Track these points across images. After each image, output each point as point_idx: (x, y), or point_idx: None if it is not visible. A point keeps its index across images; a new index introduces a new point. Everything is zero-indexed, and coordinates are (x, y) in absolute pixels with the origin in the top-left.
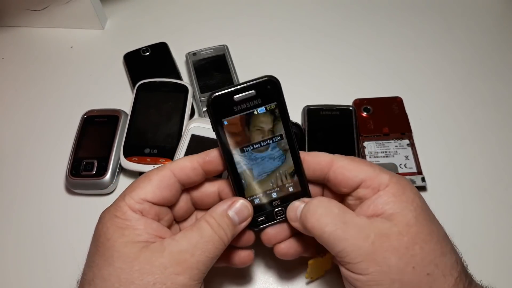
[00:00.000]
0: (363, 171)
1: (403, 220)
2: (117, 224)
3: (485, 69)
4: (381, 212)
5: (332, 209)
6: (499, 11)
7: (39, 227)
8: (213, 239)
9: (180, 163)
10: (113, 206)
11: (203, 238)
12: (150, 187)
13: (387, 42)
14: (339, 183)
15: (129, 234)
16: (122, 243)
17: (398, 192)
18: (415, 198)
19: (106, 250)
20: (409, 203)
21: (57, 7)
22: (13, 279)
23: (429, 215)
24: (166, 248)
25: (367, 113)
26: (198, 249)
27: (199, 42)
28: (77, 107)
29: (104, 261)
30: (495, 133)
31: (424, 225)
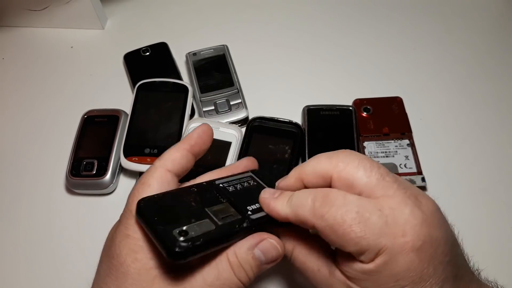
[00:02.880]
0: (360, 186)
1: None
2: (130, 246)
3: (485, 69)
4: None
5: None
6: (499, 11)
7: (39, 227)
8: (231, 282)
9: (169, 156)
10: (123, 224)
11: (219, 280)
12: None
13: (387, 42)
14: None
15: (141, 258)
16: (136, 269)
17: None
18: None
19: (120, 275)
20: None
21: (57, 7)
22: (13, 279)
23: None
24: (180, 283)
25: (367, 113)
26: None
27: (199, 42)
28: (77, 107)
29: (114, 284)
30: (495, 133)
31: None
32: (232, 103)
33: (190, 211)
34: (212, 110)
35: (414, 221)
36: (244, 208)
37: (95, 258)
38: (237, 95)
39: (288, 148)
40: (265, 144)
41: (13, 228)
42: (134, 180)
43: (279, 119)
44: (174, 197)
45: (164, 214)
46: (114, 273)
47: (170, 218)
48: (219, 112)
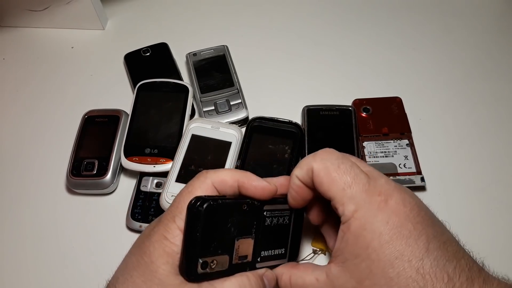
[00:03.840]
0: (331, 190)
1: (356, 272)
2: (165, 248)
3: (484, 69)
4: (338, 256)
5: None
6: (499, 11)
7: (39, 227)
8: None
9: (221, 175)
10: (163, 225)
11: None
12: None
13: (387, 42)
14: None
15: (173, 263)
16: (165, 271)
17: (356, 233)
18: (372, 241)
19: (147, 271)
20: (363, 251)
21: (58, 8)
22: (13, 278)
23: (391, 255)
24: None
25: (366, 113)
26: None
27: (199, 43)
28: (78, 107)
29: (142, 282)
30: (494, 133)
31: (379, 274)
32: (232, 103)
33: (225, 237)
34: (212, 110)
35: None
36: (258, 252)
37: (96, 258)
38: (237, 95)
39: (288, 148)
40: (265, 144)
41: (14, 228)
42: (134, 180)
43: (279, 119)
44: (225, 212)
45: (206, 230)
46: (142, 269)
47: (207, 239)
48: (219, 112)
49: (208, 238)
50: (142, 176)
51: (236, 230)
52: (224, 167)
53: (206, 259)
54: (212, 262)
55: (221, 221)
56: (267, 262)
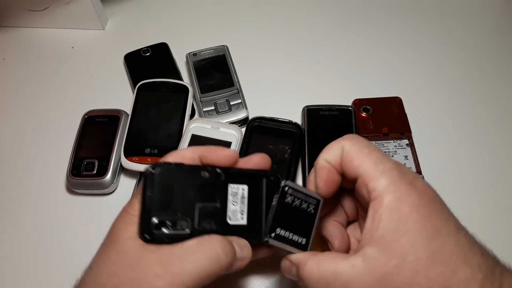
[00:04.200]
0: (363, 166)
1: (397, 249)
2: (125, 220)
3: (484, 69)
4: (373, 235)
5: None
6: (499, 11)
7: (39, 227)
8: (209, 251)
9: (181, 152)
10: (128, 203)
11: (199, 246)
12: None
13: (387, 42)
14: (343, 169)
15: (133, 230)
16: (124, 237)
17: (391, 206)
18: (411, 214)
19: (109, 241)
20: (403, 224)
21: (58, 8)
22: (14, 278)
23: (431, 228)
24: (159, 249)
25: (366, 113)
26: (188, 255)
27: (199, 43)
28: (78, 107)
29: (103, 252)
30: (494, 133)
31: (422, 248)
32: (232, 103)
33: (183, 201)
34: (212, 110)
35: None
36: (225, 220)
37: None
38: (237, 95)
39: (288, 148)
40: (265, 144)
41: (14, 228)
42: (134, 180)
43: (279, 119)
44: (181, 176)
45: (160, 192)
46: (106, 240)
47: (162, 201)
48: (219, 112)
49: (162, 200)
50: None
51: (197, 196)
52: None
53: (161, 219)
54: (169, 223)
55: (177, 184)
56: (280, 243)
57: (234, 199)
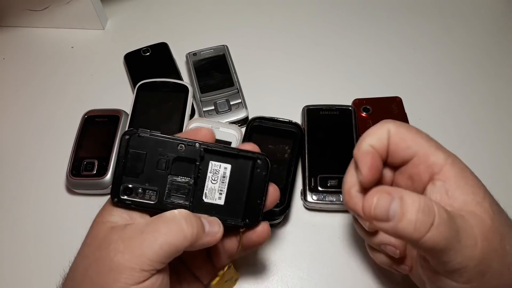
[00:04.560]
0: (417, 144)
1: (483, 211)
2: (105, 208)
3: (485, 69)
4: (452, 202)
5: (443, 215)
6: (499, 11)
7: (39, 227)
8: (171, 224)
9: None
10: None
11: (160, 218)
12: None
13: (387, 42)
14: (391, 152)
15: (105, 215)
16: (97, 222)
17: (459, 176)
18: (478, 182)
19: (89, 229)
20: (477, 189)
21: (58, 7)
22: (13, 278)
23: (496, 202)
24: (126, 227)
25: (366, 113)
26: (149, 227)
27: (199, 42)
28: (78, 107)
29: (84, 239)
30: (494, 133)
31: (499, 214)
32: (232, 103)
33: (155, 171)
34: (212, 110)
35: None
36: (199, 197)
37: None
38: (237, 95)
39: (288, 148)
40: (265, 144)
41: (13, 228)
42: None
43: (279, 119)
44: (157, 146)
45: (133, 159)
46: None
47: (134, 167)
48: (219, 112)
49: (134, 167)
50: None
51: (171, 168)
52: None
53: (130, 186)
54: (139, 191)
55: (152, 154)
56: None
57: (214, 177)
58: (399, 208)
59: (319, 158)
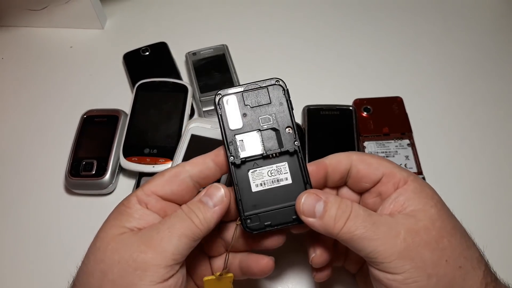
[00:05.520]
0: (384, 166)
1: (425, 216)
2: (119, 210)
3: (485, 68)
4: (402, 209)
5: (358, 211)
6: (499, 11)
7: (38, 227)
8: (182, 218)
9: (194, 159)
10: (126, 197)
11: (172, 217)
12: (161, 181)
13: (387, 42)
14: (361, 177)
15: (121, 219)
16: (111, 225)
17: (417, 189)
18: (434, 195)
19: (99, 231)
20: (429, 199)
21: (57, 7)
22: (13, 279)
23: (449, 211)
24: (140, 231)
25: (367, 113)
26: (163, 226)
27: (199, 42)
28: (77, 107)
29: (93, 241)
30: (495, 133)
31: (446, 219)
32: None
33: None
34: (212, 110)
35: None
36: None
37: None
38: None
39: None
40: None
41: (12, 228)
42: (133, 180)
43: None
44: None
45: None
46: (98, 231)
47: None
48: None
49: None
50: (141, 176)
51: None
52: None
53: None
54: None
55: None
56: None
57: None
58: (323, 207)
59: (319, 158)
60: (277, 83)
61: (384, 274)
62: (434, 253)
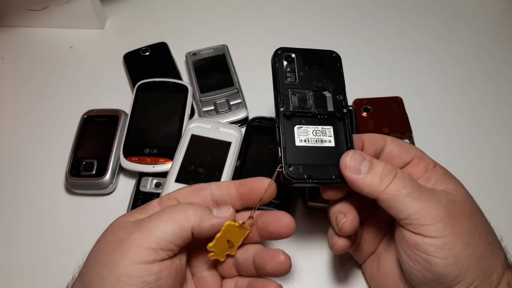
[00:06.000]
0: (415, 149)
1: (458, 193)
2: (140, 207)
3: (485, 69)
4: (435, 187)
5: (403, 173)
6: (500, 11)
7: (38, 227)
8: (177, 207)
9: (222, 182)
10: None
11: (169, 207)
12: (186, 190)
13: (387, 41)
14: (394, 156)
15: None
16: (124, 215)
17: (446, 172)
18: (458, 180)
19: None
20: (458, 182)
21: (57, 7)
22: (13, 279)
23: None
24: (141, 219)
25: (367, 113)
26: (157, 213)
27: (199, 42)
28: (77, 107)
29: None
30: (494, 133)
31: (475, 201)
32: (232, 103)
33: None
34: (212, 110)
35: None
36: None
37: None
38: (237, 95)
39: None
40: (265, 144)
41: (13, 228)
42: (133, 180)
43: None
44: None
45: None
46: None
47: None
48: (219, 112)
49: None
50: (142, 176)
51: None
52: (223, 167)
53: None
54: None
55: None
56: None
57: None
58: (368, 165)
59: None
60: (333, 55)
61: (422, 238)
62: (471, 224)
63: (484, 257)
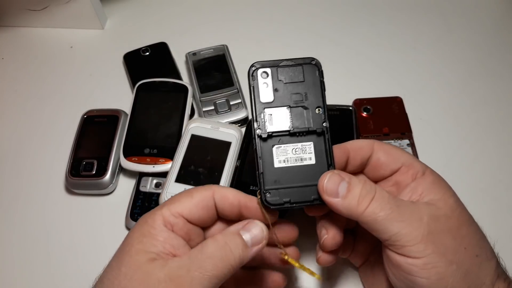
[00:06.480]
0: (403, 156)
1: (444, 205)
2: (142, 230)
3: (485, 69)
4: (421, 198)
5: (382, 192)
6: (499, 11)
7: (38, 227)
8: (214, 256)
9: (224, 191)
10: (149, 213)
11: (203, 254)
12: (189, 203)
13: (387, 42)
14: (381, 165)
15: (146, 242)
16: (136, 249)
17: (435, 180)
18: (450, 187)
19: (121, 252)
20: (447, 190)
21: (57, 7)
22: (13, 279)
23: (463, 204)
24: (168, 264)
25: (367, 113)
26: (194, 264)
27: (199, 42)
28: (77, 107)
29: (115, 263)
30: (495, 133)
31: (463, 210)
32: (232, 103)
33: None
34: (212, 110)
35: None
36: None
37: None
38: (237, 95)
39: None
40: None
41: (13, 228)
42: (133, 180)
43: None
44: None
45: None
46: (119, 251)
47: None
48: (219, 112)
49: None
50: (142, 176)
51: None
52: (223, 167)
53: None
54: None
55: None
56: None
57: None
58: (346, 187)
59: None
60: (313, 62)
61: (405, 258)
62: (454, 240)
63: (471, 272)
